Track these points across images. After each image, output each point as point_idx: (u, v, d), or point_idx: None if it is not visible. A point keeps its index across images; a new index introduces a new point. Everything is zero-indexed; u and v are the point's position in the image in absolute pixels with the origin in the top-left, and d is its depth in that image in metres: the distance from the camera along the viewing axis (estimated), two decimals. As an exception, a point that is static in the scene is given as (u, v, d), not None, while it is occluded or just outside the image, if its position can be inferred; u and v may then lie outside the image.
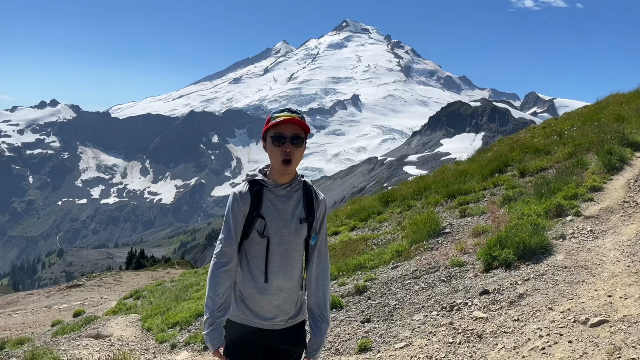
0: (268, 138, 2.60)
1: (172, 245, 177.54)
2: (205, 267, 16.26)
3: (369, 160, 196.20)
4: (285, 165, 2.55)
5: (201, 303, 8.07)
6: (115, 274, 31.34)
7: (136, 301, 12.48)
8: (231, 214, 2.60)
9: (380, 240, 8.64)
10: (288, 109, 2.67)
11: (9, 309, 21.13)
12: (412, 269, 6.23)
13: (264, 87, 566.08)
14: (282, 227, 2.58)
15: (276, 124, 2.57)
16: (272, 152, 2.57)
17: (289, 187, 2.63)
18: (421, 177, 15.24)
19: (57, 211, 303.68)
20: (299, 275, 2.66)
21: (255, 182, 2.64)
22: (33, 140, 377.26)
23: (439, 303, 4.95)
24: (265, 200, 2.60)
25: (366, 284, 6.12)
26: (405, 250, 7.20)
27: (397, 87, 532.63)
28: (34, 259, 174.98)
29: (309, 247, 2.72)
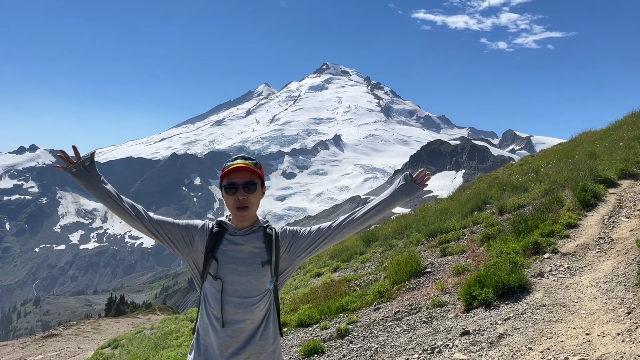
0: (222, 187, 2.60)
1: (153, 290, 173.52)
2: (186, 312, 15.92)
3: (352, 199, 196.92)
4: (241, 212, 2.54)
5: (181, 351, 7.88)
6: (93, 321, 30.44)
7: (114, 350, 12.12)
8: (187, 223, 2.63)
9: (362, 281, 8.59)
10: (241, 156, 2.65)
11: (-19, 362, 20.27)
12: (394, 310, 6.19)
13: (246, 128, 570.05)
14: (238, 268, 2.54)
15: (228, 172, 2.56)
16: (226, 200, 2.56)
17: (249, 230, 2.60)
18: (403, 216, 15.35)
19: (34, 258, 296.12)
20: (261, 318, 2.58)
21: (219, 225, 2.62)
22: (11, 186, 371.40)
23: (420, 345, 4.91)
24: (224, 242, 2.57)
25: (348, 327, 6.05)
26: (387, 291, 7.17)
27: (377, 126, 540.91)
28: (9, 308, 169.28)
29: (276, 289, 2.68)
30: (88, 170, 2.65)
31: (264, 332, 2.58)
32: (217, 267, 2.53)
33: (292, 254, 2.68)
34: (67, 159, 2.62)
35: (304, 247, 2.70)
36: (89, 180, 2.62)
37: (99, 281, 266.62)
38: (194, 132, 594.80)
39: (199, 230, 2.60)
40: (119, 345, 12.51)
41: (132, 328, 22.70)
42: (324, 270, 10.92)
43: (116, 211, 2.62)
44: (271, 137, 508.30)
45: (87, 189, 2.67)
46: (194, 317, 12.64)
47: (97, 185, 2.61)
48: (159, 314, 34.05)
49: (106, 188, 2.63)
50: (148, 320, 28.50)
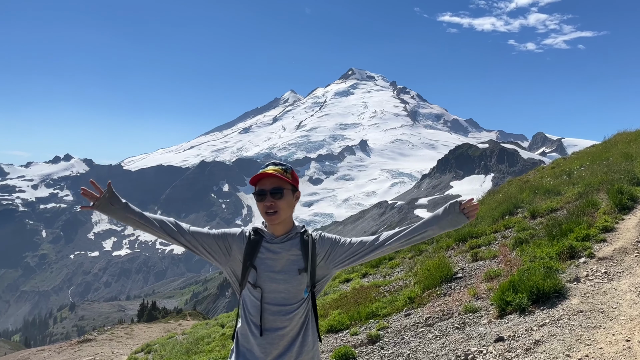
0: (254, 194, 2.67)
1: (184, 295, 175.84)
2: (217, 318, 16.07)
3: (379, 204, 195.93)
4: (270, 216, 2.57)
5: (212, 356, 7.96)
6: (126, 327, 31.01)
7: (147, 355, 12.31)
8: (223, 232, 2.68)
9: (392, 286, 8.53)
10: (272, 162, 2.71)
11: (20, 367, 20.85)
12: (425, 316, 6.12)
13: (273, 135, 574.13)
14: (276, 277, 2.56)
15: (257, 179, 2.63)
16: (258, 206, 2.62)
17: (285, 237, 2.62)
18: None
19: (70, 265, 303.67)
20: (299, 326, 2.60)
21: (256, 232, 2.66)
22: (47, 194, 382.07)
23: (453, 352, 4.84)
24: (262, 250, 2.60)
25: (379, 333, 6.01)
26: (418, 297, 7.11)
27: (404, 131, 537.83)
28: (46, 313, 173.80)
29: (314, 296, 2.70)
30: (111, 202, 2.72)
31: (303, 339, 2.60)
32: (256, 275, 2.56)
33: (330, 262, 2.69)
34: (91, 195, 2.69)
35: (343, 257, 2.70)
36: (114, 212, 2.71)
37: (131, 287, 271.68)
38: (222, 139, 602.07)
39: (236, 238, 2.64)
40: (151, 350, 12.70)
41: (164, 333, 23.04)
42: (352, 276, 10.89)
43: (147, 232, 2.76)
44: (297, 144, 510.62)
45: (115, 219, 2.75)
46: (224, 322, 12.76)
47: (123, 215, 2.71)
48: (190, 319, 34.48)
49: (132, 215, 2.72)
50: (179, 326, 28.88)
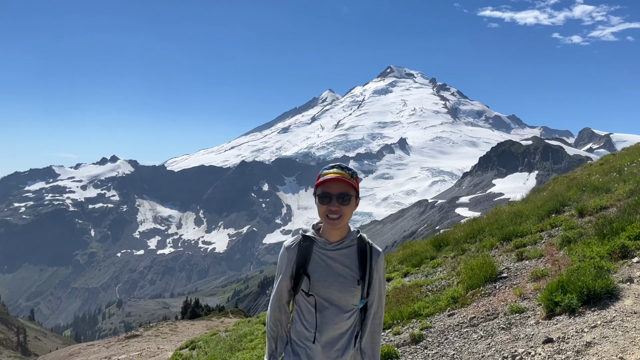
0: (316, 196, 2.61)
1: (225, 293, 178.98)
2: (258, 316, 16.27)
3: (419, 203, 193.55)
4: (332, 220, 2.52)
5: (255, 353, 8.07)
6: (171, 323, 31.80)
7: (192, 351, 12.58)
8: (281, 269, 2.64)
9: (434, 286, 8.43)
10: (338, 165, 2.62)
11: (71, 360, 21.72)
12: (469, 316, 6.02)
13: (311, 135, 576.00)
14: (331, 285, 2.53)
15: (323, 182, 2.56)
16: (319, 209, 2.57)
17: (340, 244, 2.58)
18: (474, 220, 14.89)
19: (117, 262, 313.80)
20: (351, 333, 2.61)
21: (307, 238, 2.62)
22: (95, 195, 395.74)
23: (500, 353, 4.74)
24: (314, 257, 2.56)
25: (422, 333, 5.96)
26: (461, 297, 7.00)
27: (444, 128, 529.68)
28: (95, 310, 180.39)
29: (365, 306, 2.68)
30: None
31: (355, 347, 2.61)
32: (309, 283, 2.53)
33: None
34: None
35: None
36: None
37: (175, 285, 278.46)
38: (261, 139, 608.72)
39: (289, 258, 2.61)
40: (196, 347, 12.97)
41: (207, 330, 23.51)
42: (393, 275, 10.81)
43: None
44: (336, 143, 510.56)
45: None
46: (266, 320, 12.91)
47: None
48: (232, 317, 35.07)
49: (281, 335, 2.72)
50: (221, 323, 29.41)
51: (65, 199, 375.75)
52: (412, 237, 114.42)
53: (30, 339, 71.56)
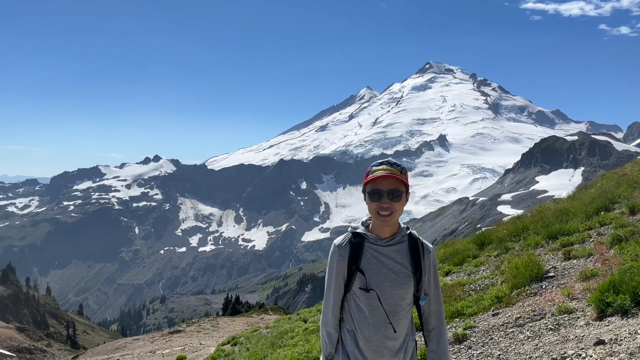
0: (366, 192, 2.58)
1: (265, 290, 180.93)
2: (298, 313, 16.35)
3: (460, 200, 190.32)
4: (383, 217, 2.51)
5: (297, 350, 8.12)
6: (212, 319, 32.40)
7: (233, 347, 12.76)
8: (332, 268, 2.60)
9: (477, 285, 8.27)
10: (387, 161, 2.63)
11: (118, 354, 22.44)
12: (514, 316, 5.88)
13: (349, 132, 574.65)
14: (384, 281, 2.52)
15: (373, 179, 2.54)
16: (369, 206, 2.55)
17: (391, 240, 2.58)
18: (518, 217, 14.53)
19: (160, 259, 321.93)
20: (405, 331, 2.61)
21: (357, 235, 2.60)
22: (139, 193, 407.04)
23: (548, 354, 4.60)
24: (366, 254, 2.54)
25: (465, 332, 5.86)
26: (506, 296, 6.84)
27: (485, 125, 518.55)
28: (140, 305, 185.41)
29: (420, 306, 2.69)
30: None
31: (408, 345, 2.62)
32: (365, 279, 2.52)
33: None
34: None
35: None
36: None
37: (216, 282, 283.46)
38: (299, 138, 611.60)
39: (341, 257, 2.58)
40: (237, 343, 13.16)
41: (248, 327, 23.82)
42: (435, 274, 10.66)
43: None
44: (374, 140, 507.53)
45: None
46: (306, 317, 12.97)
47: None
48: (271, 314, 35.44)
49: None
50: (261, 320, 29.75)
51: (111, 198, 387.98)
52: (452, 235, 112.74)
53: (79, 333, 74.33)
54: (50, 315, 76.70)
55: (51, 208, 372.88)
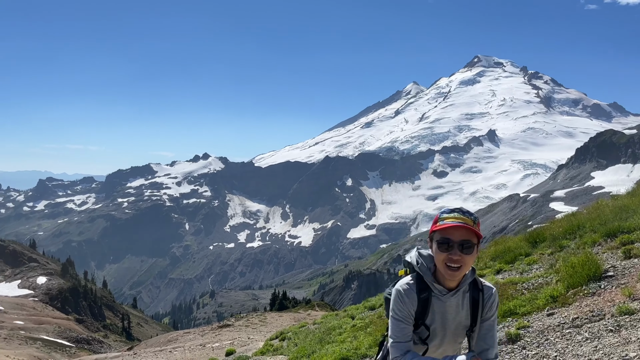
0: (434, 241, 2.46)
1: (311, 286, 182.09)
2: (345, 309, 16.36)
3: (510, 197, 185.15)
4: (451, 272, 2.40)
5: (345, 346, 8.13)
6: (260, 314, 32.91)
7: (282, 342, 12.91)
8: (398, 316, 2.49)
9: (530, 284, 8.03)
10: (459, 209, 2.50)
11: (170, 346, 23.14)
12: (571, 317, 5.67)
13: (395, 128, 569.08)
14: (444, 336, 2.48)
15: (443, 228, 2.41)
16: (437, 256, 2.44)
17: (456, 292, 2.49)
18: (573, 214, 14.00)
19: (209, 255, 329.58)
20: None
21: (424, 287, 2.49)
22: (189, 190, 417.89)
23: (609, 356, 4.42)
24: (433, 308, 2.47)
25: (519, 332, 5.70)
26: (562, 296, 6.60)
27: (537, 119, 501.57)
28: (190, 299, 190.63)
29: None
30: None
31: None
32: (428, 335, 2.47)
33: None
34: None
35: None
36: None
37: (264, 277, 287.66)
38: (344, 135, 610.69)
39: (408, 304, 2.49)
40: (285, 338, 13.30)
41: (295, 322, 24.04)
42: (485, 272, 10.43)
43: None
44: (420, 136, 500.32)
45: None
46: (354, 314, 12.96)
47: None
48: (318, 310, 35.63)
49: None
50: (308, 316, 29.96)
51: (162, 195, 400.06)
52: (502, 233, 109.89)
53: (133, 325, 77.15)
54: (107, 307, 79.97)
55: (106, 205, 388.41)
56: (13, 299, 57.77)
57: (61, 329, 43.11)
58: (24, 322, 44.04)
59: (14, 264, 75.33)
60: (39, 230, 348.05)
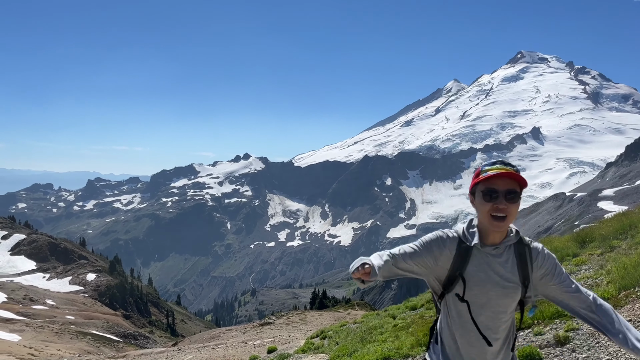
0: (478, 192, 2.41)
1: (351, 286, 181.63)
2: (386, 309, 16.27)
3: (556, 196, 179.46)
4: (497, 222, 2.34)
5: (386, 346, 8.09)
6: (300, 313, 33.10)
7: (322, 341, 12.94)
8: (422, 242, 2.48)
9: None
10: (501, 161, 2.43)
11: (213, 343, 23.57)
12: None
13: (435, 127, 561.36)
14: (489, 290, 2.39)
15: (488, 177, 2.36)
16: (481, 207, 2.38)
17: (500, 246, 2.43)
18: (624, 214, 13.48)
19: (250, 254, 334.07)
20: (502, 343, 2.49)
21: (466, 239, 2.46)
22: (230, 190, 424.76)
23: (663, 361, 4.23)
24: (473, 261, 2.41)
25: (568, 335, 5.53)
26: (613, 297, 6.37)
27: (584, 115, 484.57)
28: (232, 297, 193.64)
29: (524, 310, 2.56)
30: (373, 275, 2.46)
31: (505, 353, 2.52)
32: (464, 288, 2.40)
33: (540, 288, 2.52)
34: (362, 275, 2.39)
35: (555, 295, 2.54)
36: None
37: (304, 276, 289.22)
38: (384, 134, 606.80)
39: (445, 247, 2.45)
40: (326, 337, 13.32)
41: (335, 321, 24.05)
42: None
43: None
44: (462, 134, 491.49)
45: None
46: (395, 314, 12.87)
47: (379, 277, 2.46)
48: (358, 309, 35.54)
49: (386, 273, 2.49)
50: (348, 315, 29.93)
51: (205, 194, 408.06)
52: (547, 233, 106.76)
53: (177, 322, 79.04)
54: (152, 304, 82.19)
55: (151, 204, 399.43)
56: (64, 295, 60.14)
57: (109, 324, 44.58)
58: (75, 317, 45.79)
59: (65, 261, 78.43)
60: (89, 228, 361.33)
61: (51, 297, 55.54)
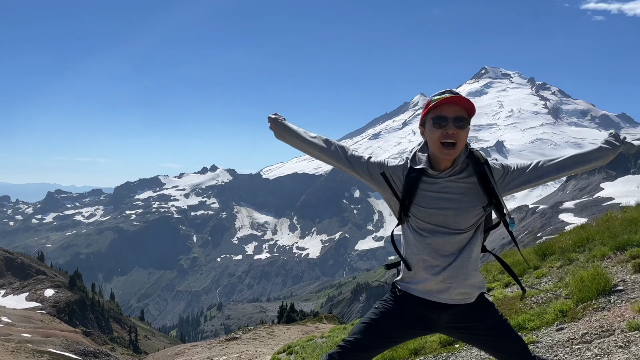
0: (428, 120, 2.43)
1: (319, 299, 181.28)
2: (353, 322, 16.27)
3: (519, 208, 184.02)
4: (447, 150, 2.36)
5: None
6: (268, 327, 32.75)
7: (289, 356, 12.83)
8: (371, 159, 2.69)
9: (539, 298, 7.94)
10: (449, 90, 2.44)
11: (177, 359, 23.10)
12: (580, 332, 5.60)
13: (402, 140, 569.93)
14: (445, 210, 2.38)
15: (437, 105, 2.38)
16: (431, 136, 2.39)
17: (452, 170, 2.42)
18: (582, 227, 13.86)
19: (217, 267, 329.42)
20: (465, 259, 2.45)
21: (413, 169, 2.47)
22: (196, 202, 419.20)
23: (618, 373, 4.36)
24: (422, 187, 2.41)
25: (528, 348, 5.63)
26: (571, 310, 6.52)
27: (545, 130, 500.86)
28: (198, 312, 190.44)
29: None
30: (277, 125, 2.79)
31: (470, 274, 2.49)
32: (417, 213, 2.41)
33: (503, 187, 2.50)
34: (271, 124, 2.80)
35: (517, 183, 2.53)
36: (284, 137, 2.79)
37: (271, 289, 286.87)
38: (352, 146, 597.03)
39: (394, 175, 2.53)
40: (293, 352, 13.21)
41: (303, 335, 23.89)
42: (494, 285, 10.33)
43: (305, 152, 2.82)
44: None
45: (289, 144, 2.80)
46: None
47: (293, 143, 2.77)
48: (326, 322, 35.42)
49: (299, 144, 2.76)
50: (316, 329, 29.78)
51: (170, 207, 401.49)
52: (511, 245, 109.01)
53: (140, 338, 77.04)
54: (114, 320, 79.97)
55: (115, 217, 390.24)
56: (21, 312, 57.93)
57: (68, 342, 43.11)
58: (32, 334, 44.12)
59: (22, 277, 75.59)
60: (47, 242, 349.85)
61: (6, 314, 53.34)
